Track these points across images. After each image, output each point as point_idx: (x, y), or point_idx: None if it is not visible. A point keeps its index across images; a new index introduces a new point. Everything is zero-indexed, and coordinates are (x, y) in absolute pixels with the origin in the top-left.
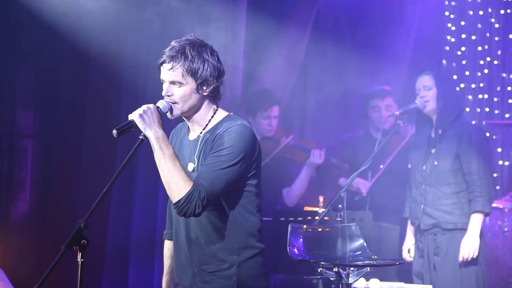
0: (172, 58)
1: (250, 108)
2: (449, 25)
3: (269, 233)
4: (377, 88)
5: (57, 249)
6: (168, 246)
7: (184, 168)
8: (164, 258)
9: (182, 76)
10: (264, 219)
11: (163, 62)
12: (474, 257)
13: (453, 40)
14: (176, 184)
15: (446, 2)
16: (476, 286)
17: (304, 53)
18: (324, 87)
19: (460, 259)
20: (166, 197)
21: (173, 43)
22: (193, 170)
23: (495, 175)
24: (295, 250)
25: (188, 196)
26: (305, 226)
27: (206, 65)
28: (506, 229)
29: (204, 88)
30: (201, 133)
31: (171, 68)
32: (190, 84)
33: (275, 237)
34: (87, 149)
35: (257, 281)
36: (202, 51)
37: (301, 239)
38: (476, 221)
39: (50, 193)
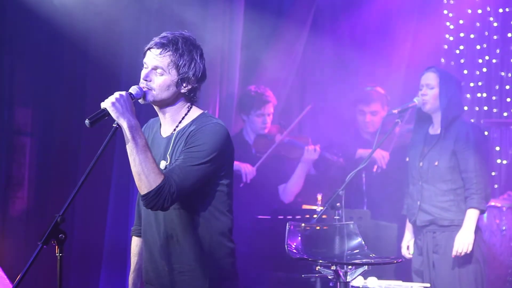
0: (163, 45)
1: (244, 106)
2: (448, 23)
3: (267, 231)
4: (365, 92)
5: (51, 245)
6: (135, 242)
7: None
8: (132, 255)
9: (168, 65)
10: (262, 217)
11: (152, 47)
12: (468, 252)
13: (451, 38)
14: (146, 176)
15: (445, 1)
16: (475, 284)
17: (302, 51)
18: (322, 85)
19: (454, 253)
20: None
21: (165, 33)
22: (165, 168)
23: (493, 173)
24: (293, 248)
25: (158, 190)
26: (303, 225)
27: (192, 63)
28: (504, 228)
29: (184, 85)
30: (174, 130)
31: (160, 54)
32: (172, 76)
33: (273, 236)
34: (85, 147)
35: (229, 280)
36: (192, 49)
37: (299, 238)
38: (471, 217)
39: (48, 190)
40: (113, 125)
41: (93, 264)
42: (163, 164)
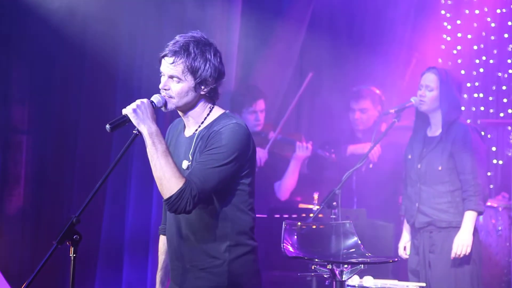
0: (175, 53)
1: (236, 105)
2: (445, 23)
3: (264, 230)
4: (356, 89)
5: (51, 244)
6: (163, 241)
7: (178, 165)
8: (159, 253)
9: (182, 72)
10: (258, 216)
11: (165, 55)
12: (467, 254)
13: (449, 39)
14: (168, 180)
15: (442, 1)
16: (470, 283)
17: (300, 50)
18: (320, 83)
19: (453, 255)
20: None
21: (177, 38)
22: (187, 168)
23: (489, 173)
24: (289, 247)
25: (180, 193)
26: (299, 223)
27: (207, 65)
28: (499, 228)
29: (202, 87)
30: (196, 130)
31: (173, 63)
32: (189, 81)
33: (269, 234)
34: (82, 144)
35: (249, 278)
36: (205, 50)
37: (296, 236)
38: (469, 219)
39: (45, 188)
40: (133, 131)
41: (89, 262)
42: (185, 164)
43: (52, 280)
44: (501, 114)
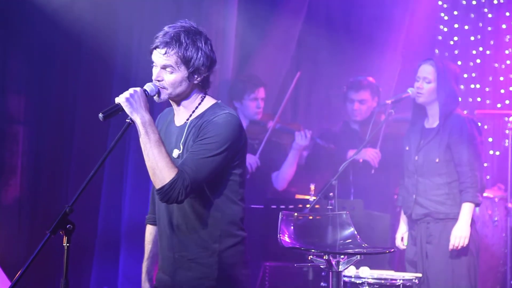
0: (167, 44)
1: (237, 92)
2: (442, 14)
3: (260, 220)
4: (354, 80)
5: (43, 234)
6: (150, 231)
7: (169, 154)
8: (146, 242)
9: (175, 62)
10: (255, 206)
11: (157, 47)
12: (464, 246)
13: (445, 29)
14: (160, 170)
15: None
16: (467, 274)
17: (297, 41)
18: (316, 75)
19: (450, 247)
20: None
21: (166, 29)
22: (178, 157)
23: (485, 164)
24: (286, 237)
25: (172, 183)
26: (296, 214)
27: (199, 53)
28: (496, 219)
29: (195, 76)
30: (187, 119)
31: (165, 53)
32: (182, 71)
33: (266, 225)
34: (79, 135)
35: (238, 269)
36: (196, 39)
37: (292, 227)
38: (466, 210)
39: (41, 178)
40: (127, 120)
41: (85, 254)
42: (176, 153)
43: (49, 269)
44: (498, 105)
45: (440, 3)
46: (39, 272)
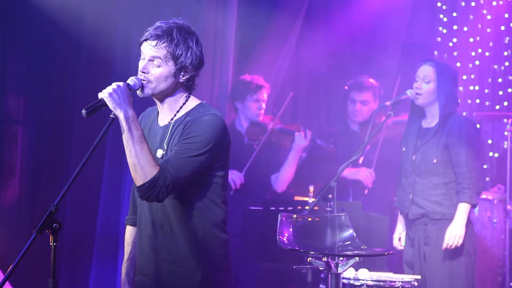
0: (158, 37)
1: (239, 93)
2: (441, 16)
3: (259, 222)
4: (357, 81)
5: (46, 235)
6: (130, 232)
7: (151, 152)
8: (125, 244)
9: (164, 56)
10: (254, 208)
11: (147, 39)
12: (458, 245)
13: (445, 31)
14: (142, 167)
15: None
16: (465, 276)
17: (296, 41)
18: (316, 75)
19: (444, 245)
20: None
21: (158, 23)
22: (162, 157)
23: (485, 166)
24: (285, 239)
25: (153, 181)
26: (295, 216)
27: (189, 52)
28: (495, 220)
29: (182, 74)
30: (171, 119)
31: (155, 46)
32: (169, 67)
33: (265, 227)
34: (78, 135)
35: (221, 272)
36: (187, 37)
37: (291, 229)
38: (462, 211)
39: (40, 179)
40: (110, 115)
41: (85, 254)
42: (159, 153)
43: (47, 269)
44: (497, 107)
45: (439, 4)
46: (31, 274)
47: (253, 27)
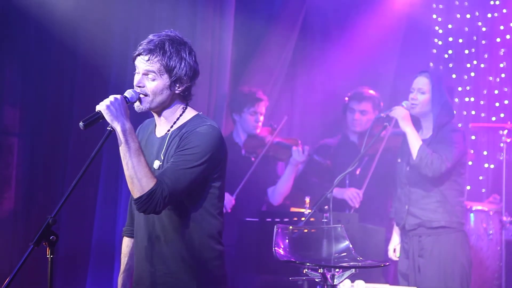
0: (150, 51)
1: (237, 105)
2: (437, 28)
3: (255, 234)
4: (357, 91)
5: (43, 247)
6: (126, 243)
7: (149, 164)
8: (122, 255)
9: (158, 70)
10: (250, 219)
11: (140, 54)
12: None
13: (440, 43)
14: (139, 180)
15: (434, 5)
16: (460, 287)
17: (292, 53)
18: (312, 87)
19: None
20: None
21: (151, 37)
22: (159, 168)
23: (480, 177)
24: (281, 251)
25: (150, 194)
26: (291, 227)
27: (183, 63)
28: (491, 232)
29: (177, 86)
30: (168, 130)
31: (148, 60)
32: (164, 79)
33: (261, 238)
34: (73, 147)
35: (216, 283)
36: (180, 49)
37: (287, 240)
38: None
39: (36, 191)
40: (107, 128)
41: (80, 265)
42: (156, 164)
43: (44, 281)
44: (493, 118)
45: (434, 16)
46: (34, 286)
47: (250, 40)
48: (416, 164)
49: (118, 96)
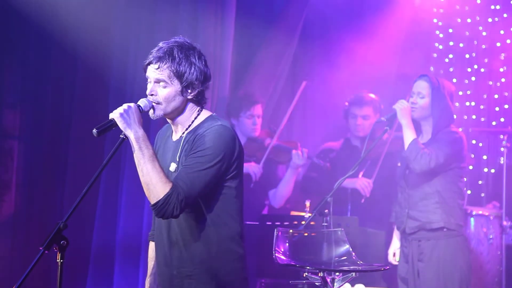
0: (160, 59)
1: (233, 109)
2: (437, 32)
3: (255, 237)
4: (357, 96)
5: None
6: (152, 247)
7: (166, 168)
8: (149, 259)
9: (168, 77)
10: (250, 223)
11: (150, 62)
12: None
13: (441, 47)
14: (154, 185)
15: (435, 10)
16: None
17: (292, 57)
18: (312, 91)
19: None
20: None
21: (161, 44)
22: (175, 170)
23: (480, 182)
24: (281, 254)
25: (166, 198)
26: (291, 231)
27: (192, 68)
28: (491, 236)
29: (189, 91)
30: (183, 133)
31: (158, 68)
32: (175, 86)
33: (261, 242)
34: (74, 150)
35: (236, 286)
36: (190, 54)
37: (287, 244)
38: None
39: (36, 194)
40: (120, 136)
41: (80, 269)
42: (173, 167)
43: (44, 286)
44: (493, 123)
45: (435, 20)
46: None
47: (250, 44)
48: (406, 158)
49: (132, 104)
